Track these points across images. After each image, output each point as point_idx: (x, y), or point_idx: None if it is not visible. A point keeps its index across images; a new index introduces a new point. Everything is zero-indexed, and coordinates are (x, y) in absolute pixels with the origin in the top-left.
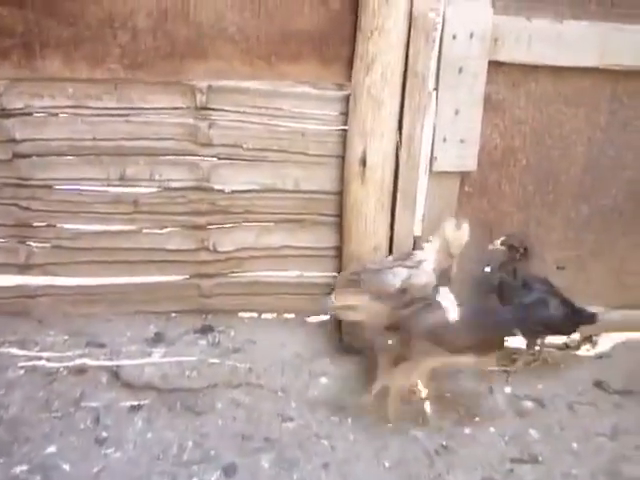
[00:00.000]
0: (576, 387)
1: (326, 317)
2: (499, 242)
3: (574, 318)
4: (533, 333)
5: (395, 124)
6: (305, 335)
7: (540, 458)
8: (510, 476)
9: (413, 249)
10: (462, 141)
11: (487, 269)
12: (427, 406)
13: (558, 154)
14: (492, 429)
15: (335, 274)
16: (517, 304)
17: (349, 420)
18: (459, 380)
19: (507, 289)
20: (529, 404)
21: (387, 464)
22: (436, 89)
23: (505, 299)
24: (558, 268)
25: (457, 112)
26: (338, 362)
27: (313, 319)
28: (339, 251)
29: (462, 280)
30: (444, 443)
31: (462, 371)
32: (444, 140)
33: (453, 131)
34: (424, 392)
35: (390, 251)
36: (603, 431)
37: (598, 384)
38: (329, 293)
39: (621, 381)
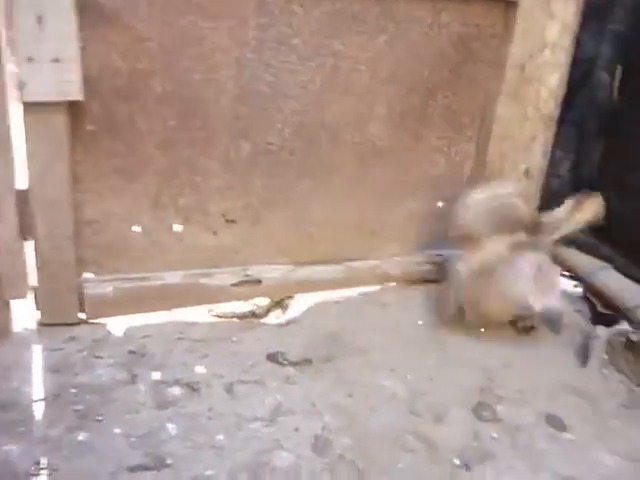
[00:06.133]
0: (245, 363)
1: None
2: None
3: None
4: None
5: None
6: None
7: (170, 460)
8: None
9: None
10: (56, 60)
11: None
12: (37, 409)
13: (201, 79)
14: (117, 430)
15: None
16: None
17: None
18: (95, 369)
19: None
20: (177, 391)
21: None
22: None
23: None
24: (227, 221)
25: (41, 20)
26: None
27: None
28: None
29: None
30: (43, 459)
31: (102, 358)
32: (30, 60)
33: (40, 47)
34: None
35: None
36: (262, 414)
37: (272, 357)
38: None
39: (301, 349)
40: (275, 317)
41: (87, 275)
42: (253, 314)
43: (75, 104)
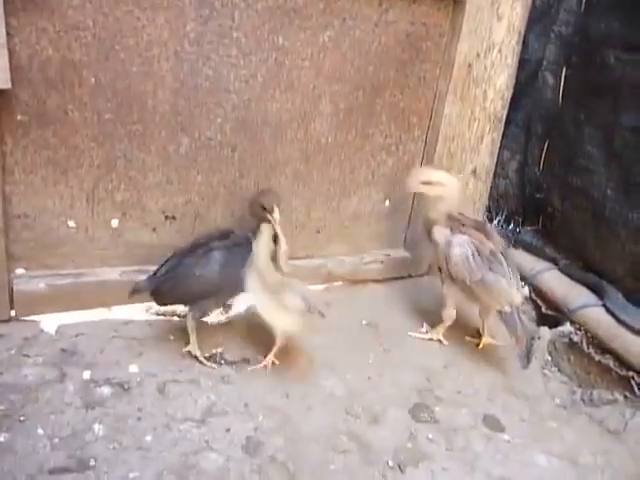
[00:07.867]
0: (181, 362)
1: None
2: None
3: None
4: None
5: None
6: None
7: (93, 462)
8: None
9: None
10: None
11: None
12: None
13: (138, 71)
14: (41, 430)
15: None
16: None
17: None
18: (22, 368)
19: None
20: (107, 390)
21: None
22: None
23: None
24: (167, 218)
25: None
26: None
27: None
28: None
29: None
30: None
31: (30, 357)
32: None
33: None
34: None
35: None
36: (193, 415)
37: (209, 355)
38: None
39: (240, 349)
40: (216, 315)
41: (18, 271)
42: None
43: (3, 93)
